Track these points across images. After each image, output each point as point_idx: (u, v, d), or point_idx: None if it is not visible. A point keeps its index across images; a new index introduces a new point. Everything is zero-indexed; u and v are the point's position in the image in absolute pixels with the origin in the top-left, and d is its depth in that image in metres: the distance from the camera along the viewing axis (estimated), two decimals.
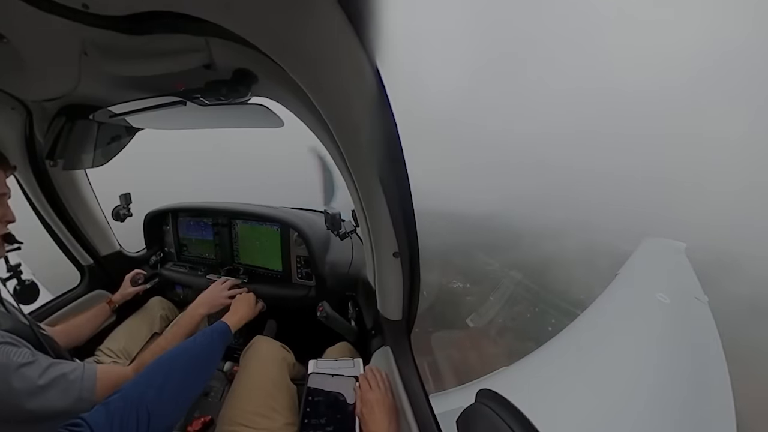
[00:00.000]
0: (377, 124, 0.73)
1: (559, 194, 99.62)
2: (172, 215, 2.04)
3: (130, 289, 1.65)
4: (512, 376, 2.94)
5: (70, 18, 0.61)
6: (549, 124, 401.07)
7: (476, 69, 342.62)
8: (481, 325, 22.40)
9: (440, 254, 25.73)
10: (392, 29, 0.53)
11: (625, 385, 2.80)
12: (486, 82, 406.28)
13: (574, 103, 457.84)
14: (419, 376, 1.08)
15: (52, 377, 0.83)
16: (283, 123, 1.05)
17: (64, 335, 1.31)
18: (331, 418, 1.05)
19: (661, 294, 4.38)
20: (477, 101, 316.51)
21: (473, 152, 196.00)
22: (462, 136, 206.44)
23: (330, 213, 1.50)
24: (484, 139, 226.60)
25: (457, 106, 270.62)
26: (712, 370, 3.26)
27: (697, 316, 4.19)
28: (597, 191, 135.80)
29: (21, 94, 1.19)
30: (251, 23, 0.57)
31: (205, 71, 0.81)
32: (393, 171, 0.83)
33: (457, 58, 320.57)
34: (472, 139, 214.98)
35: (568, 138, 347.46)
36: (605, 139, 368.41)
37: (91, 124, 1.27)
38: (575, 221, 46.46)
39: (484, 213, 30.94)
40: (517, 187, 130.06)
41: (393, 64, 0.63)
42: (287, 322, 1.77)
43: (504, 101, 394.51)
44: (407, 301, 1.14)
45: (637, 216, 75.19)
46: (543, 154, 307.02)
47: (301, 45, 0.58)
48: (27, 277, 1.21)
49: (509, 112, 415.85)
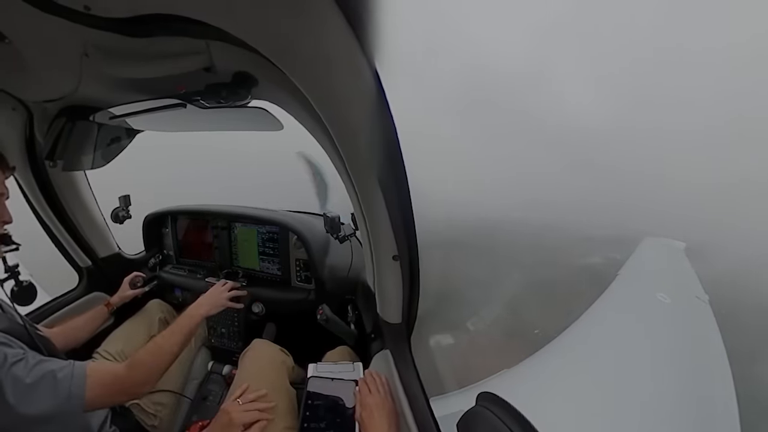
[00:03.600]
0: (377, 128, 0.73)
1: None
2: (171, 217, 2.03)
3: (128, 292, 1.64)
4: (513, 379, 2.93)
5: (72, 19, 0.61)
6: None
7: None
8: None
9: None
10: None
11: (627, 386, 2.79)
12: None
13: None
14: (419, 379, 1.08)
15: (40, 374, 0.81)
16: (283, 126, 1.05)
17: (62, 337, 1.31)
18: (330, 422, 1.04)
19: (662, 293, 4.38)
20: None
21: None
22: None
23: (329, 216, 1.50)
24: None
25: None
26: (714, 369, 3.26)
27: (697, 315, 4.19)
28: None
29: (22, 95, 1.19)
30: (252, 27, 0.57)
31: (205, 74, 0.82)
32: (392, 174, 0.83)
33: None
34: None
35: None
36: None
37: (92, 125, 1.27)
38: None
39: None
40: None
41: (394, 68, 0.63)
42: (286, 326, 1.77)
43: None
44: (407, 305, 1.14)
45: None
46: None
47: (301, 48, 0.59)
48: (25, 278, 1.21)
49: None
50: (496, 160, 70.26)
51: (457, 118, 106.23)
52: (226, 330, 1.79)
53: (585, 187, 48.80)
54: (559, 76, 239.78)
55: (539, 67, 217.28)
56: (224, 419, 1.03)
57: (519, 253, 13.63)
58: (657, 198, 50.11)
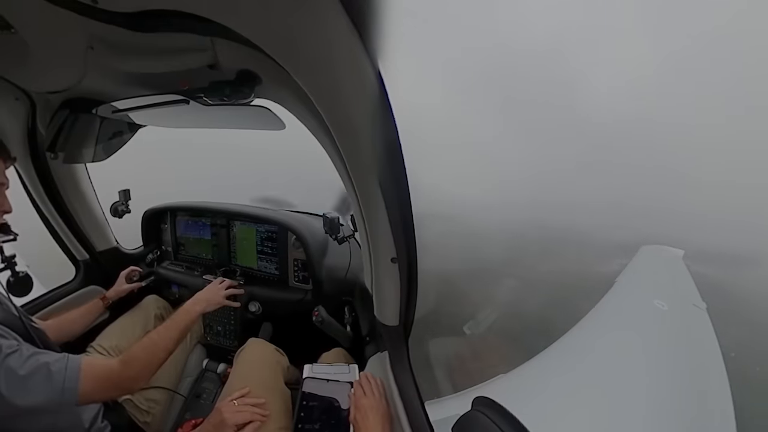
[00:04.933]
0: (378, 129, 0.73)
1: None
2: (171, 214, 2.03)
3: (124, 286, 1.64)
4: (509, 383, 2.92)
5: (79, 12, 0.61)
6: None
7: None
8: None
9: None
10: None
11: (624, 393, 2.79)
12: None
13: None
14: (415, 382, 1.08)
15: (34, 367, 0.80)
16: (285, 125, 1.05)
17: (56, 329, 1.30)
18: (325, 423, 1.04)
19: (660, 301, 4.39)
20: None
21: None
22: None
23: (328, 217, 1.50)
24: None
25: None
26: (710, 376, 3.26)
27: (695, 322, 4.20)
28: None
29: (25, 85, 1.19)
30: (257, 25, 0.57)
31: (209, 71, 0.82)
32: (393, 176, 0.83)
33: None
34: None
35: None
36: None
37: (94, 118, 1.27)
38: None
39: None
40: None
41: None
42: (283, 326, 1.76)
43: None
44: (404, 307, 1.14)
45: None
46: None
47: (305, 48, 0.59)
48: (21, 269, 1.20)
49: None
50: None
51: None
52: (222, 328, 1.79)
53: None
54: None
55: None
56: (217, 418, 1.02)
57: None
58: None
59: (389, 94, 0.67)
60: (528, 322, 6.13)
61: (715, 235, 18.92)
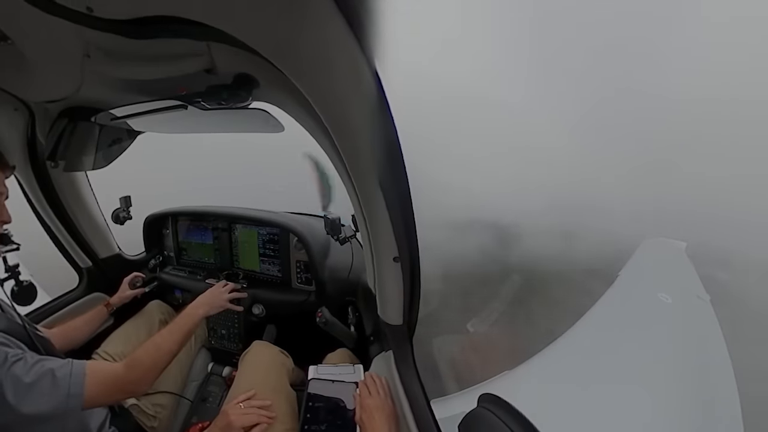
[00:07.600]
0: (377, 129, 0.73)
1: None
2: (172, 219, 2.04)
3: (128, 292, 1.64)
4: (515, 380, 2.92)
5: (74, 20, 0.61)
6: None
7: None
8: None
9: None
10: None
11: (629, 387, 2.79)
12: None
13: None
14: (420, 381, 1.08)
15: (39, 373, 0.81)
16: (284, 128, 1.05)
17: (61, 337, 1.30)
18: (331, 424, 1.04)
19: (663, 294, 4.38)
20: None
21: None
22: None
23: (330, 218, 1.50)
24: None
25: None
26: (716, 369, 3.24)
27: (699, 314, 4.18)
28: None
29: (24, 95, 1.20)
30: (253, 29, 0.57)
31: (206, 76, 0.82)
32: (393, 175, 0.83)
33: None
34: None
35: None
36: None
37: (93, 126, 1.28)
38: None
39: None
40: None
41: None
42: (287, 328, 1.76)
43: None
44: (408, 306, 1.14)
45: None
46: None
47: (302, 50, 0.59)
48: (25, 278, 1.21)
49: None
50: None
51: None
52: (226, 331, 1.79)
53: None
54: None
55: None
56: (224, 421, 1.02)
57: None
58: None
59: (387, 93, 0.67)
60: None
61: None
